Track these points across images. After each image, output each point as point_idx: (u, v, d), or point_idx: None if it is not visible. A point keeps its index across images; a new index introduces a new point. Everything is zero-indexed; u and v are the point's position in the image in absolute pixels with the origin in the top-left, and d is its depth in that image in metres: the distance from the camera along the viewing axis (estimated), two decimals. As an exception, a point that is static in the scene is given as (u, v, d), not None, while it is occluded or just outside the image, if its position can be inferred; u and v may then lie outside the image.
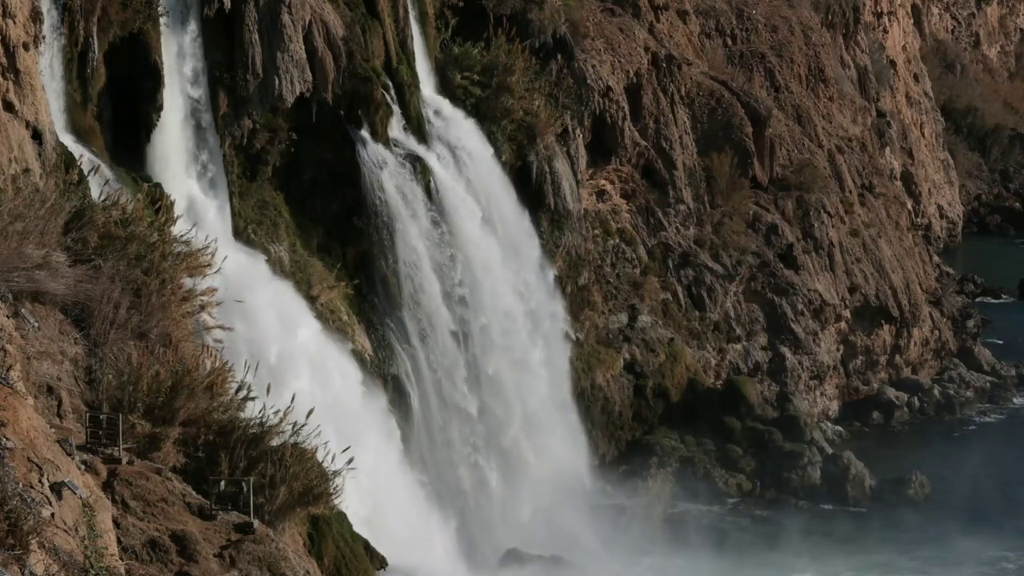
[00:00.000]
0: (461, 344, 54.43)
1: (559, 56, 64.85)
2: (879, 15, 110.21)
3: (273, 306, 47.52)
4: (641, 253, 67.71)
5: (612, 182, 68.03)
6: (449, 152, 56.80)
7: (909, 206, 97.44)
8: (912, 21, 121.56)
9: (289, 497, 32.13)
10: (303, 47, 50.81)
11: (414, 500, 50.08)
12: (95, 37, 44.30)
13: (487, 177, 58.13)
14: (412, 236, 53.40)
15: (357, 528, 38.75)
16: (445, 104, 58.48)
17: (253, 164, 51.18)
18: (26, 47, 38.40)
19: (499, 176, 59.08)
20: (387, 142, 53.77)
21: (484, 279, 55.85)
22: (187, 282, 37.57)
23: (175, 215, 42.63)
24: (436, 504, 51.31)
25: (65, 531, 21.95)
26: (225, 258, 41.06)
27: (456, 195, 55.72)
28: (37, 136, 38.64)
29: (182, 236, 39.41)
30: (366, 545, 38.81)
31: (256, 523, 29.25)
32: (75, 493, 22.97)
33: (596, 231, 66.18)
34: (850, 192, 78.69)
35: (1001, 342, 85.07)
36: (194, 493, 29.52)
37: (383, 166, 52.98)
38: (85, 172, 40.16)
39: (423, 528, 49.24)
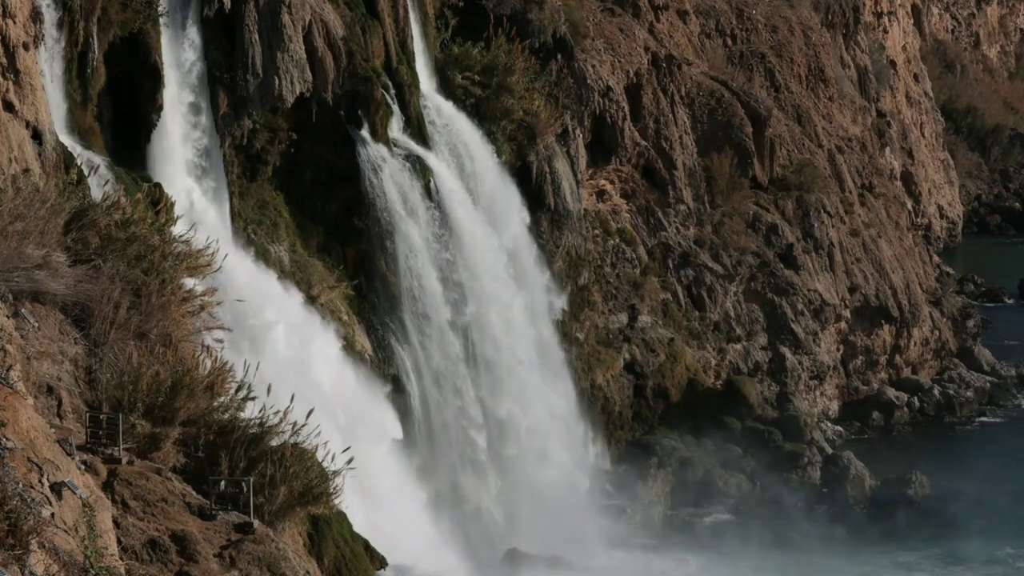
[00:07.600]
0: (461, 343, 54.41)
1: (559, 56, 64.80)
2: (879, 15, 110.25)
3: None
4: (641, 253, 67.67)
5: (612, 182, 68.00)
6: (449, 152, 56.78)
7: (909, 206, 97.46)
8: (912, 21, 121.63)
9: (289, 497, 32.11)
10: (303, 47, 50.80)
11: (414, 499, 50.06)
12: (95, 37, 44.31)
13: (487, 177, 58.10)
14: (412, 236, 53.39)
15: (357, 528, 38.74)
16: (445, 104, 58.45)
17: (253, 164, 51.17)
18: (26, 47, 38.42)
19: (499, 176, 59.05)
20: (387, 142, 53.76)
21: (484, 278, 55.81)
22: (187, 282, 37.56)
23: (175, 215, 42.62)
24: (436, 503, 51.28)
25: (65, 531, 21.95)
26: (226, 256, 41.04)
27: (456, 195, 55.70)
28: (37, 136, 38.67)
29: (182, 236, 39.37)
30: (366, 545, 38.79)
31: (256, 523, 29.25)
32: (75, 493, 22.97)
33: (596, 231, 66.15)
34: (850, 192, 78.66)
35: (1016, 343, 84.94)
36: (194, 493, 29.50)
37: (383, 166, 52.97)
38: (85, 172, 40.16)
39: (423, 528, 49.21)
